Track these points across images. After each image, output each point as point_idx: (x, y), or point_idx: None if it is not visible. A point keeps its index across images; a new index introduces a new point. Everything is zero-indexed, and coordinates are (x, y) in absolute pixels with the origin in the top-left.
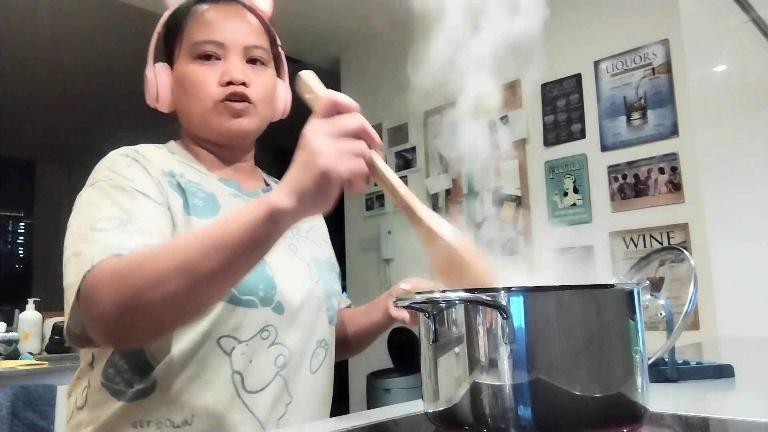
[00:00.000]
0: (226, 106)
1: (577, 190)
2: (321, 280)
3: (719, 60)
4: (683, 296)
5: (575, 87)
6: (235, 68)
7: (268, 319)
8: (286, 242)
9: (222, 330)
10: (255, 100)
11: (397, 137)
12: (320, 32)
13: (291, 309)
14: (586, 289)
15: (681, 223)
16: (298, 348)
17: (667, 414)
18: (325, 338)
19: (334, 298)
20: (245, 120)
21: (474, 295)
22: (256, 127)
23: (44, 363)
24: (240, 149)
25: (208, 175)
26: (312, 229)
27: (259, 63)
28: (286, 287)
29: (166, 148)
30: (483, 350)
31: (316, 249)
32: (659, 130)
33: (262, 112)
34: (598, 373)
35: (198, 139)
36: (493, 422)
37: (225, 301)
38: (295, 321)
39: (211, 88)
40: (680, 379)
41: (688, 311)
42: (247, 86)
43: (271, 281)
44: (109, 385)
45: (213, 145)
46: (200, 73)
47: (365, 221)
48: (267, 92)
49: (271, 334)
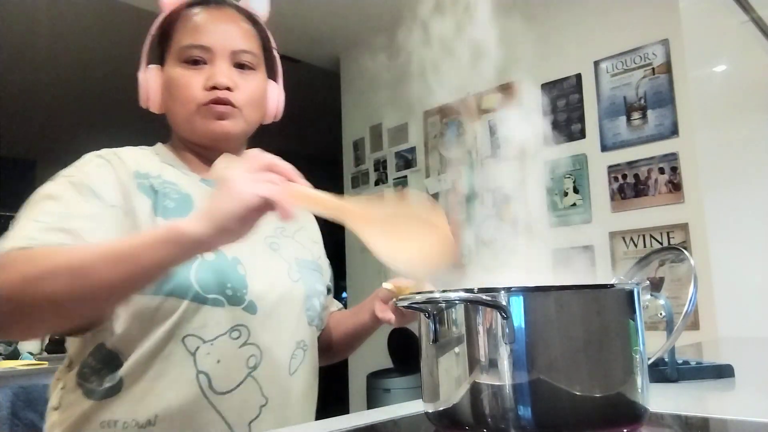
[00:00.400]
0: (210, 108)
1: (577, 190)
2: (301, 279)
3: (719, 60)
4: (683, 296)
5: (575, 87)
6: (220, 73)
7: (239, 319)
8: (266, 241)
9: (186, 329)
10: (240, 104)
11: (397, 137)
12: (320, 32)
13: (265, 309)
14: (586, 289)
15: (681, 223)
16: (273, 349)
17: (667, 414)
18: (305, 339)
19: (316, 298)
20: (228, 123)
21: (474, 295)
22: (240, 130)
23: (44, 363)
24: (223, 151)
25: (190, 175)
26: (300, 230)
27: (247, 67)
28: (260, 286)
29: (153, 150)
30: (483, 350)
31: (301, 249)
32: (659, 130)
33: (248, 115)
34: (598, 373)
35: (184, 141)
36: (493, 422)
37: (189, 299)
38: (270, 321)
39: (195, 92)
40: (680, 379)
41: (688, 311)
42: (232, 90)
43: (241, 280)
44: (83, 385)
45: (198, 146)
46: (186, 77)
47: None
48: (254, 96)
49: (243, 334)
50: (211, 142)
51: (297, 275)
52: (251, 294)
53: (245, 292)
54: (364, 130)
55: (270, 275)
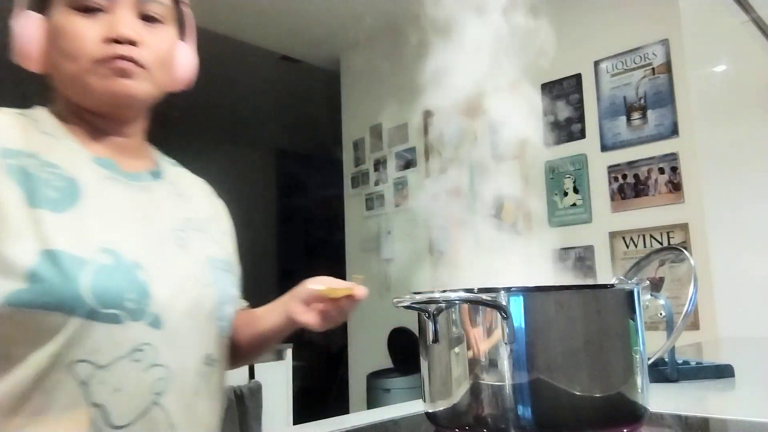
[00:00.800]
0: (109, 64)
1: (577, 190)
2: (214, 284)
3: (719, 60)
4: (683, 296)
5: (575, 87)
6: (122, 23)
7: (142, 337)
8: (172, 235)
9: (77, 353)
10: (147, 63)
11: (397, 137)
12: (320, 32)
13: (172, 322)
14: (586, 289)
15: (681, 223)
16: (181, 368)
17: (667, 414)
18: (213, 353)
19: (229, 305)
20: (132, 82)
21: (474, 295)
22: (146, 94)
23: None
24: (123, 120)
25: (79, 152)
26: (210, 220)
27: (155, 20)
28: (166, 295)
29: (29, 116)
30: (483, 350)
31: (213, 245)
32: (659, 130)
33: (156, 77)
34: (598, 373)
35: (73, 106)
36: (493, 422)
37: (81, 316)
38: (176, 336)
39: (90, 45)
40: (680, 379)
41: (688, 311)
42: (137, 46)
43: (143, 289)
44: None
45: (91, 114)
46: (79, 27)
47: (365, 221)
48: (163, 55)
49: (147, 354)
50: (108, 107)
51: (210, 278)
52: (155, 305)
53: (148, 303)
54: (364, 130)
55: (177, 280)
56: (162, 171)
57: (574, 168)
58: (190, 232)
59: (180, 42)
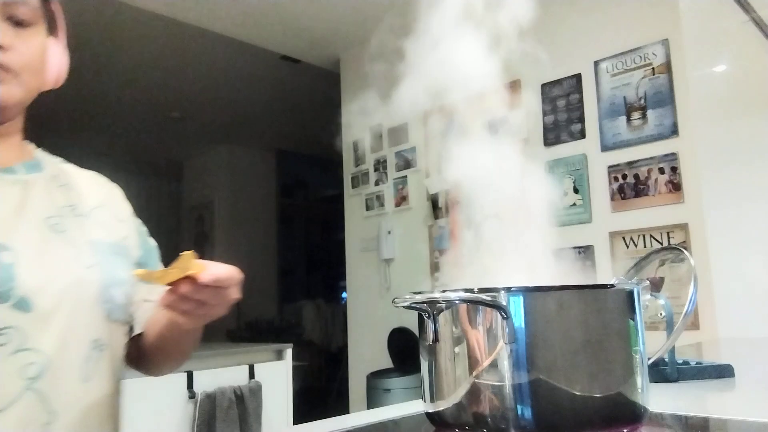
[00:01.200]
0: None
1: (577, 190)
2: (97, 265)
3: (719, 60)
4: (683, 296)
5: (575, 87)
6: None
7: (7, 320)
8: (47, 222)
9: None
10: (16, 68)
11: (397, 137)
12: (320, 32)
13: (42, 304)
14: (586, 289)
15: (681, 223)
16: (58, 353)
17: (667, 414)
18: (101, 337)
19: (118, 287)
20: (1, 88)
21: (474, 295)
22: (17, 100)
23: None
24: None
25: None
26: (100, 207)
27: (23, 23)
28: (36, 277)
29: None
30: (483, 350)
31: (99, 229)
32: (659, 130)
33: (26, 81)
34: (597, 374)
35: None
36: (493, 422)
37: None
38: (52, 319)
39: None
40: (680, 379)
41: (688, 311)
42: (6, 51)
43: (7, 271)
44: None
45: None
46: None
47: (365, 221)
48: (33, 59)
49: (14, 337)
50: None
51: (91, 260)
52: (22, 288)
53: (12, 285)
54: (364, 130)
55: (50, 263)
56: (41, 164)
57: (574, 168)
58: (69, 218)
59: (51, 40)
